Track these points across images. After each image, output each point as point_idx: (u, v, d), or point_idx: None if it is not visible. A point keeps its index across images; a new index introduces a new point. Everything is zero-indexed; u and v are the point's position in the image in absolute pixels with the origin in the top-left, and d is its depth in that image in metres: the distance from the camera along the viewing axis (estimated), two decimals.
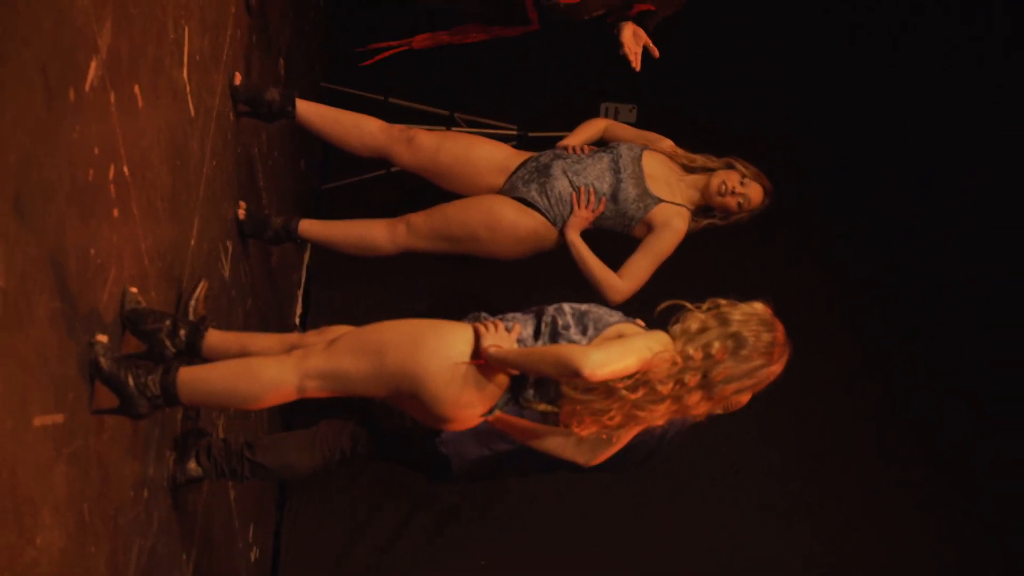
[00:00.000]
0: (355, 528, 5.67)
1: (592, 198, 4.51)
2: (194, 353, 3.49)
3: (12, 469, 2.50)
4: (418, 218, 4.55)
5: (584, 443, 3.60)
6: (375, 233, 4.59)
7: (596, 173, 4.58)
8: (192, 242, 3.87)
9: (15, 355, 2.51)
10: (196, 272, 3.92)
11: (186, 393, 3.25)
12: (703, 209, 4.62)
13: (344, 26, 6.78)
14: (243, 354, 3.50)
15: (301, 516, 5.68)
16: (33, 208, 2.57)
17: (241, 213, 4.49)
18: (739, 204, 4.58)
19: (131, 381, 3.13)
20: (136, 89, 3.24)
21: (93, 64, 2.90)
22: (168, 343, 3.38)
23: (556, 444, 3.65)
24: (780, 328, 3.34)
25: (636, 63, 4.72)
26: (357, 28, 6.47)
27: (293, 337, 3.61)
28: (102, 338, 3.07)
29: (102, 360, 3.05)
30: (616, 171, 4.57)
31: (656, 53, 4.74)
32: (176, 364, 3.27)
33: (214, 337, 3.52)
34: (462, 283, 5.97)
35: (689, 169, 4.66)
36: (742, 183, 4.58)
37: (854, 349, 6.05)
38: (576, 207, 4.52)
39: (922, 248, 6.25)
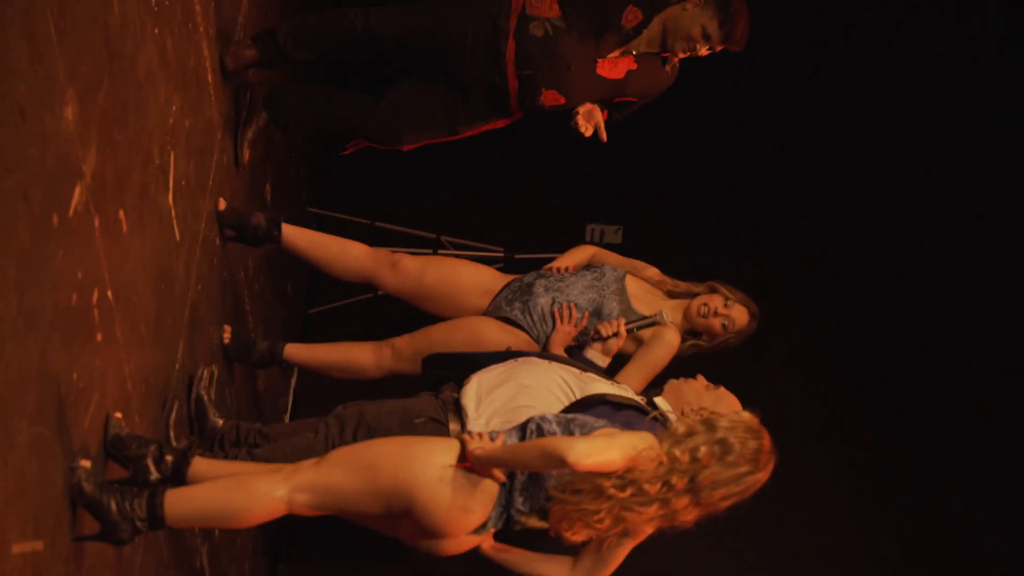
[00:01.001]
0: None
1: (574, 313, 4.53)
2: (179, 480, 3.45)
3: None
4: (402, 341, 4.57)
5: (579, 568, 3.61)
6: (360, 357, 4.61)
7: (578, 290, 4.61)
8: (176, 366, 3.86)
9: None
10: (180, 396, 3.91)
11: (173, 514, 3.20)
12: (688, 332, 4.64)
13: (330, 150, 6.83)
14: None
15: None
16: (14, 334, 2.57)
17: (226, 337, 4.50)
18: (723, 326, 4.61)
19: (114, 506, 3.09)
20: (121, 214, 3.26)
21: (77, 189, 2.92)
22: (153, 468, 3.34)
23: (552, 570, 3.66)
24: (766, 436, 3.38)
25: (587, 132, 4.74)
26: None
27: (287, 467, 3.58)
28: (85, 463, 3.05)
29: (84, 485, 3.02)
30: (599, 288, 4.60)
31: (604, 138, 4.76)
32: (162, 487, 3.24)
33: (201, 465, 3.49)
34: None
35: (672, 295, 4.70)
36: (725, 305, 4.62)
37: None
38: (558, 323, 4.53)
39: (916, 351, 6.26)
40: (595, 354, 4.43)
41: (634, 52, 4.75)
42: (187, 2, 3.92)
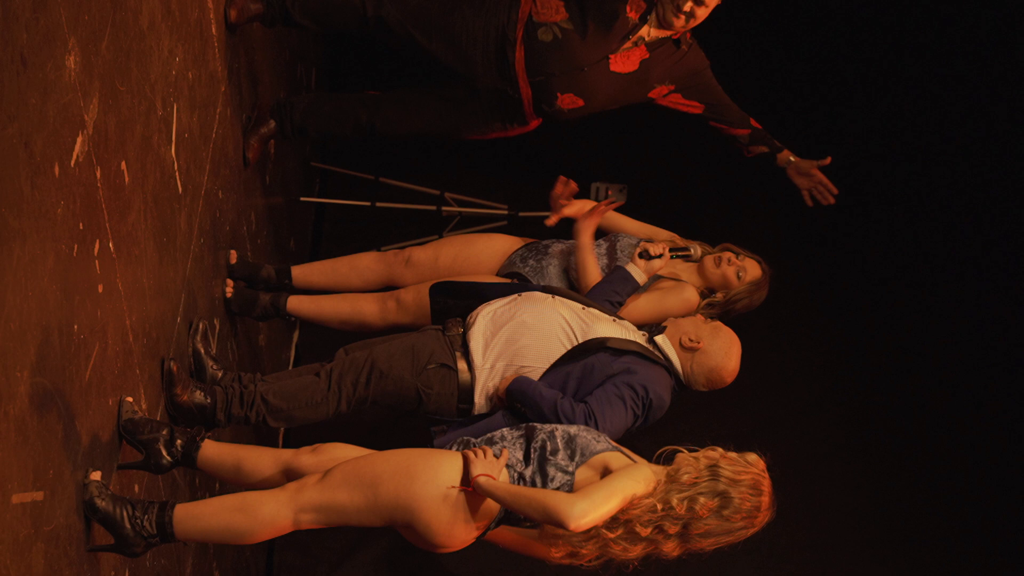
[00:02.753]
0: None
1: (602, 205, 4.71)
2: (189, 464, 3.55)
3: None
4: (408, 295, 4.59)
5: None
6: (364, 309, 4.63)
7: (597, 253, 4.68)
8: (178, 319, 3.85)
9: None
10: (182, 350, 3.90)
11: (182, 531, 3.31)
12: (704, 294, 4.66)
13: None
14: (237, 468, 3.59)
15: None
16: (15, 282, 2.56)
17: (229, 291, 4.49)
18: (737, 275, 4.62)
19: (127, 523, 3.20)
20: (123, 165, 3.24)
21: (79, 140, 2.90)
22: (164, 452, 3.45)
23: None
24: (768, 491, 3.43)
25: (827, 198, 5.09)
26: None
27: (287, 455, 3.64)
28: (95, 475, 3.12)
29: (97, 501, 3.12)
30: (613, 256, 4.63)
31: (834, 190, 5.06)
32: (172, 502, 3.33)
33: (210, 449, 3.57)
34: None
35: (682, 255, 4.71)
36: (738, 257, 4.66)
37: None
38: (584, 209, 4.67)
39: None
40: (636, 270, 4.47)
41: (645, 40, 4.79)
42: None
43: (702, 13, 4.72)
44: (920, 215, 6.37)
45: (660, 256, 4.49)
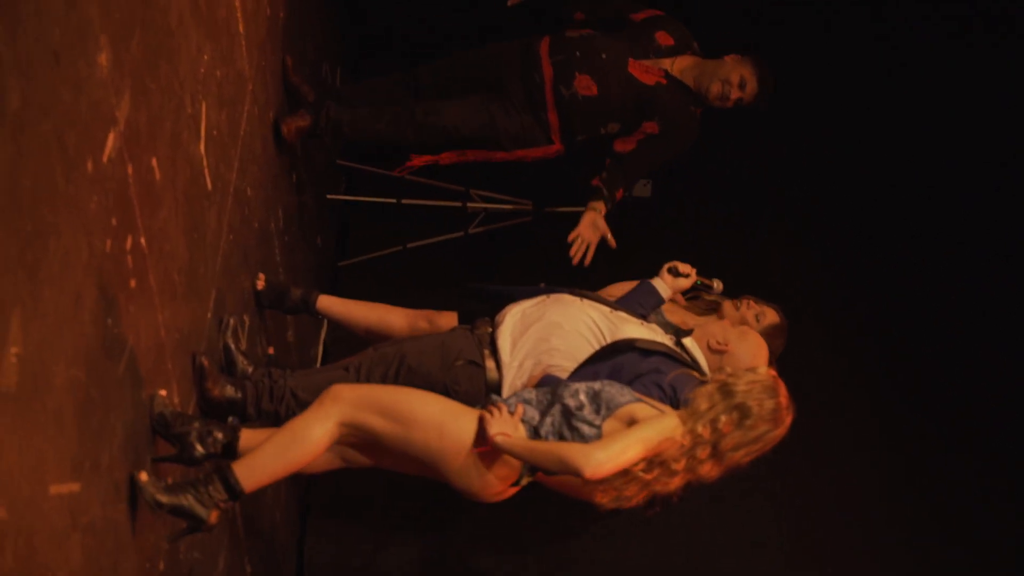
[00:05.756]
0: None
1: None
2: (231, 455, 3.58)
3: (28, 537, 2.50)
4: (442, 319, 4.60)
5: None
6: (393, 322, 4.67)
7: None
8: (208, 315, 3.88)
9: (32, 422, 2.52)
10: (212, 345, 3.94)
11: (249, 484, 3.39)
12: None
13: None
14: None
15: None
16: (50, 276, 2.59)
17: (260, 284, 4.53)
18: (757, 317, 4.64)
19: (195, 503, 3.29)
20: (154, 162, 3.28)
21: (111, 136, 2.94)
22: (198, 445, 3.48)
23: None
24: (783, 392, 3.51)
25: (577, 257, 5.10)
26: None
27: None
28: (143, 476, 3.18)
29: (159, 497, 3.21)
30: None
31: (613, 244, 5.13)
32: (226, 464, 3.40)
33: (248, 438, 3.61)
34: None
35: (702, 310, 4.74)
36: (757, 302, 4.67)
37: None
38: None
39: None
40: (662, 284, 4.50)
41: (667, 70, 4.99)
42: None
43: (732, 103, 5.11)
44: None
45: (687, 276, 4.52)
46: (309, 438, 3.45)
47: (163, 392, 3.42)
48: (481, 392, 4.03)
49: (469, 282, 4.50)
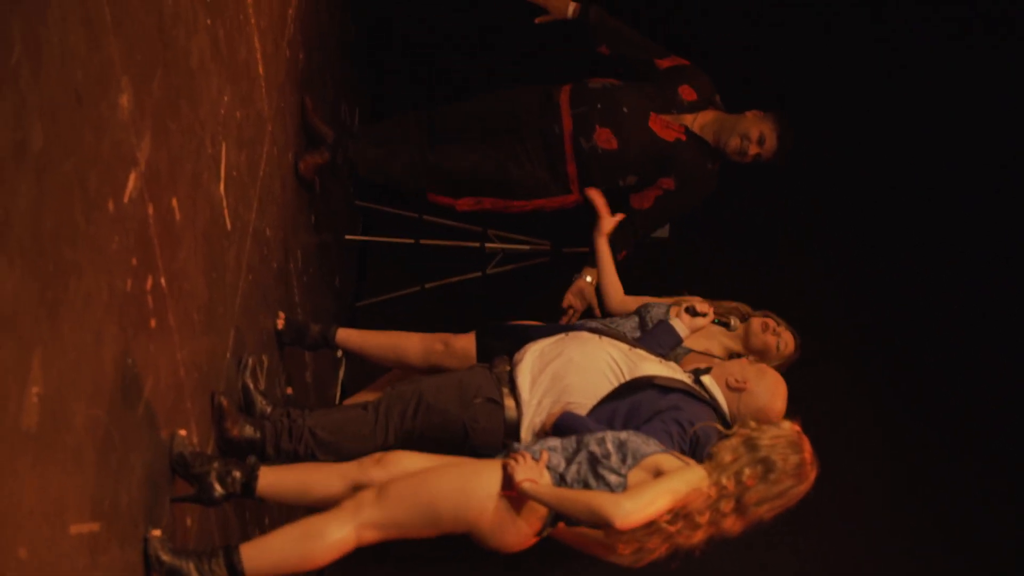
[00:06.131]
0: None
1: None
2: (248, 494, 3.57)
3: None
4: (458, 341, 4.59)
5: None
6: (409, 349, 4.64)
7: (628, 328, 4.71)
8: (227, 354, 3.89)
9: (52, 462, 2.52)
10: (231, 385, 3.94)
11: (252, 568, 3.33)
12: (734, 355, 4.71)
13: None
14: (302, 490, 3.61)
15: None
16: (71, 316, 2.60)
17: (280, 323, 4.56)
18: (778, 346, 4.68)
19: (194, 571, 3.23)
20: (174, 202, 3.29)
21: (132, 176, 2.95)
22: (217, 485, 3.47)
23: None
24: (807, 447, 3.52)
25: (566, 317, 5.18)
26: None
27: (352, 469, 3.64)
28: (155, 533, 3.16)
29: (162, 555, 3.16)
30: (645, 327, 4.69)
31: (598, 313, 5.11)
32: (234, 544, 3.37)
33: (269, 476, 3.60)
34: None
35: (722, 324, 4.74)
36: (778, 325, 4.72)
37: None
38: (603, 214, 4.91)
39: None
40: (680, 325, 4.48)
41: (687, 127, 5.03)
42: None
43: (750, 158, 5.17)
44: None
45: (705, 315, 4.52)
46: (323, 536, 3.39)
47: (183, 432, 3.42)
48: (500, 430, 4.03)
49: (487, 322, 4.49)
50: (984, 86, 6.46)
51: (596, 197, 4.94)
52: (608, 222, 4.91)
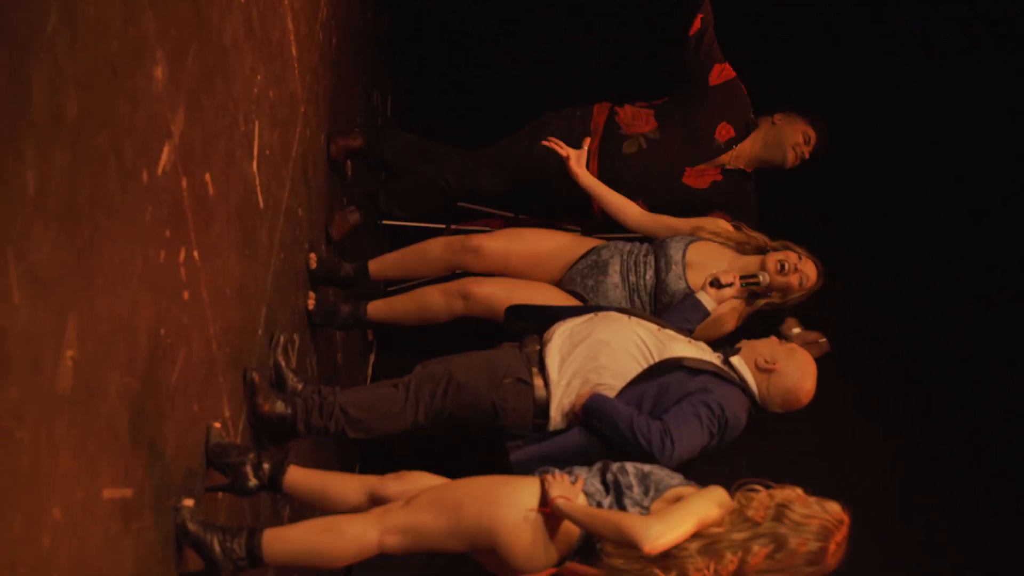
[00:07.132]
0: None
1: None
2: (275, 488, 3.63)
3: (82, 539, 2.54)
4: (477, 290, 4.69)
5: None
6: (434, 307, 4.75)
7: (649, 271, 4.69)
8: (259, 331, 3.93)
9: (87, 427, 2.56)
10: (263, 361, 3.98)
11: (271, 553, 3.39)
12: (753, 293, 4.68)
13: None
14: (323, 493, 3.68)
15: None
16: (105, 284, 2.64)
17: (311, 303, 4.60)
18: (800, 281, 4.62)
19: (217, 546, 3.28)
20: (207, 177, 3.33)
21: (166, 149, 2.99)
22: (251, 475, 3.52)
23: None
24: (838, 538, 3.40)
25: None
26: None
27: (372, 480, 3.71)
28: (188, 502, 3.21)
29: (189, 525, 3.21)
30: (661, 261, 4.69)
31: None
32: (260, 527, 3.42)
33: (296, 473, 3.66)
34: None
35: (744, 250, 4.72)
36: (800, 259, 4.65)
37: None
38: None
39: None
40: (707, 298, 4.47)
41: (722, 166, 5.00)
42: None
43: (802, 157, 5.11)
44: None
45: (731, 285, 4.50)
46: (344, 534, 3.43)
47: (217, 424, 3.47)
48: (529, 410, 4.05)
49: (515, 306, 4.52)
50: (994, 100, 6.44)
51: (551, 143, 4.90)
52: (574, 152, 4.82)
